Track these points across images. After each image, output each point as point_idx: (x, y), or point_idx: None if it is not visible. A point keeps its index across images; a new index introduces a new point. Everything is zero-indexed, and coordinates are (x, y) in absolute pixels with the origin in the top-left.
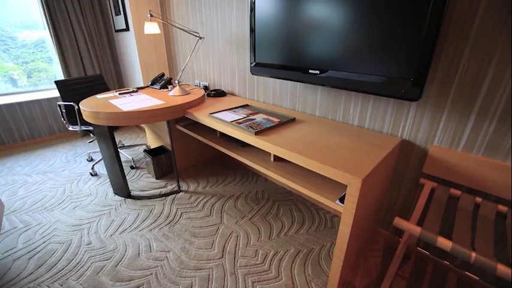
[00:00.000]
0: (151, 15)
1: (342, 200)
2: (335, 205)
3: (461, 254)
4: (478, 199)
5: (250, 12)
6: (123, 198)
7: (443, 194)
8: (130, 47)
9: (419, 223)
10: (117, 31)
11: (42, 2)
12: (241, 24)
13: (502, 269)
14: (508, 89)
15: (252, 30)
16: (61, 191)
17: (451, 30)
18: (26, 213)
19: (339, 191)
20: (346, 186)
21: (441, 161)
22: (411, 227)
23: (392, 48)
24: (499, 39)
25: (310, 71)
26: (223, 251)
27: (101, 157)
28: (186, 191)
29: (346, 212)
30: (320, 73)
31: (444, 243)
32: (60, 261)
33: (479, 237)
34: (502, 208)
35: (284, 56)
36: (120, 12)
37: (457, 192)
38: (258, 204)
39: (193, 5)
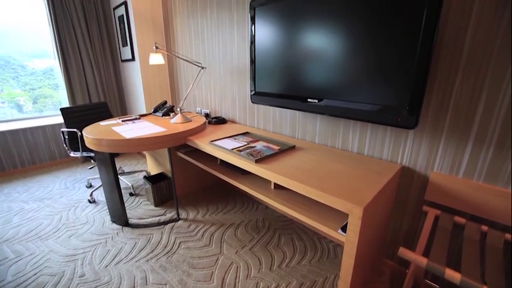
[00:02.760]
0: (156, 47)
1: (344, 229)
2: (337, 234)
3: (472, 287)
4: (484, 227)
5: (251, 45)
6: (121, 226)
7: (448, 222)
8: (135, 75)
9: (426, 253)
10: (123, 61)
11: (54, 33)
12: (242, 55)
13: None
14: (502, 114)
15: (252, 61)
16: (57, 218)
17: (441, 60)
18: (18, 243)
19: (341, 219)
20: (348, 214)
21: (442, 188)
22: (417, 258)
23: (387, 78)
24: (488, 67)
25: (308, 100)
26: (222, 284)
27: (100, 183)
28: (185, 219)
29: (349, 241)
30: (318, 102)
31: (453, 275)
32: None
33: (489, 269)
34: (510, 237)
35: (283, 85)
36: (127, 43)
37: (462, 220)
38: (259, 233)
39: (197, 37)
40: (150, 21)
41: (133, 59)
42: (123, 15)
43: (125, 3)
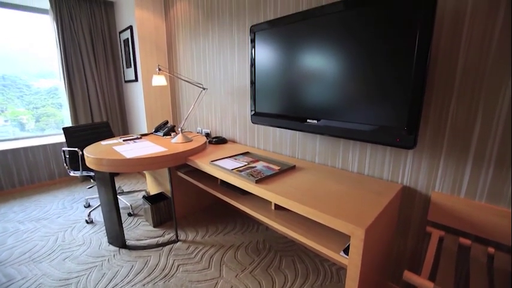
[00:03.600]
0: (159, 69)
1: (346, 251)
2: (339, 257)
3: None
4: (491, 249)
5: (251, 67)
6: (118, 248)
7: (453, 244)
8: (137, 95)
9: (432, 276)
10: (126, 81)
11: (61, 55)
12: (242, 76)
13: None
14: (499, 134)
15: (252, 82)
16: (53, 240)
17: (436, 81)
18: (11, 266)
19: (343, 241)
20: (350, 236)
21: (445, 208)
22: (423, 283)
23: (384, 99)
24: (482, 86)
25: (308, 120)
26: None
27: (99, 203)
28: (184, 241)
29: (352, 264)
30: (317, 122)
31: None
32: None
33: None
34: None
35: (282, 106)
36: (130, 65)
37: (467, 242)
38: (259, 256)
39: (199, 59)
40: (153, 44)
41: (136, 79)
42: (128, 38)
43: (131, 28)
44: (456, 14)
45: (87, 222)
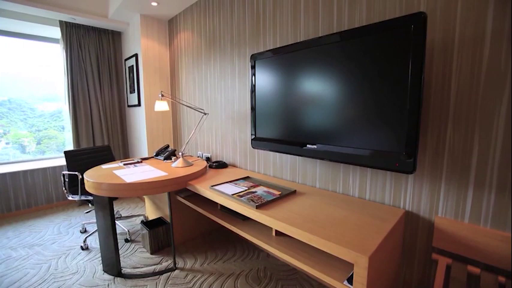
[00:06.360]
0: (162, 95)
1: (350, 280)
2: (343, 286)
3: None
4: (501, 278)
5: (251, 93)
6: (113, 276)
7: (461, 273)
8: (139, 120)
9: None
10: (129, 106)
11: (68, 80)
12: (243, 102)
13: None
14: (497, 157)
15: (253, 108)
16: (45, 268)
17: (431, 108)
18: None
19: (347, 269)
20: (353, 264)
21: (450, 234)
22: None
23: (382, 125)
24: (476, 113)
25: (307, 145)
26: None
27: (95, 229)
28: (182, 269)
29: None
30: (317, 147)
31: None
32: None
33: None
34: None
35: (282, 131)
36: (134, 90)
37: (476, 270)
38: (260, 284)
39: (200, 85)
40: (157, 71)
41: (139, 104)
42: (133, 65)
43: (136, 55)
44: (445, 44)
45: (82, 249)
